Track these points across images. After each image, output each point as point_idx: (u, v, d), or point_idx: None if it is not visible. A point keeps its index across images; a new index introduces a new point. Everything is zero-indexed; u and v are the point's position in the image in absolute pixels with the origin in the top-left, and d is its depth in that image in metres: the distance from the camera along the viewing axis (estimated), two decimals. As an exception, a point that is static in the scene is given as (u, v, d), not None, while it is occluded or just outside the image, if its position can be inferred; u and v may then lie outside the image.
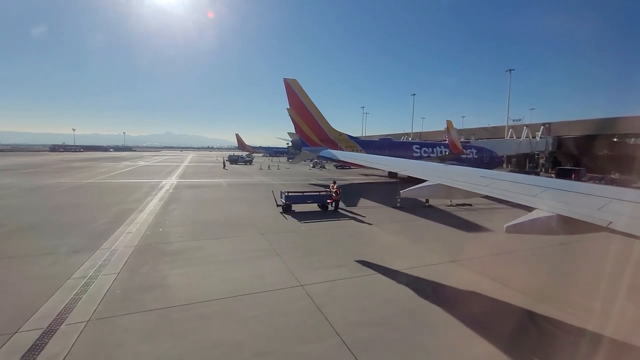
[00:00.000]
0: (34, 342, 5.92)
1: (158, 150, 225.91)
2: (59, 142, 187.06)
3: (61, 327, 6.43)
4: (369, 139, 50.28)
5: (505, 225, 5.39)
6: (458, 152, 33.10)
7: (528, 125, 59.27)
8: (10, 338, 6.05)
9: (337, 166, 56.30)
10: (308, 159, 54.78)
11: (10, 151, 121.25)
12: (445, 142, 48.77)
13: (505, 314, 7.67)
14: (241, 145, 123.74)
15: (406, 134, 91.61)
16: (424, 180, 8.15)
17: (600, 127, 54.62)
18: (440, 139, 69.11)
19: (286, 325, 6.76)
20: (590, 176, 40.66)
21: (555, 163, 57.55)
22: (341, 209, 19.52)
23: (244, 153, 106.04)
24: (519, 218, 5.36)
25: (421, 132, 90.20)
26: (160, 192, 25.46)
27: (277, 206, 18.79)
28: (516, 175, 7.57)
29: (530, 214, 5.33)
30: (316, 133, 37.55)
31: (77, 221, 15.36)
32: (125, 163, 66.25)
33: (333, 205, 20.04)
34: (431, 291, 8.66)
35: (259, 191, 27.06)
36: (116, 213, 17.29)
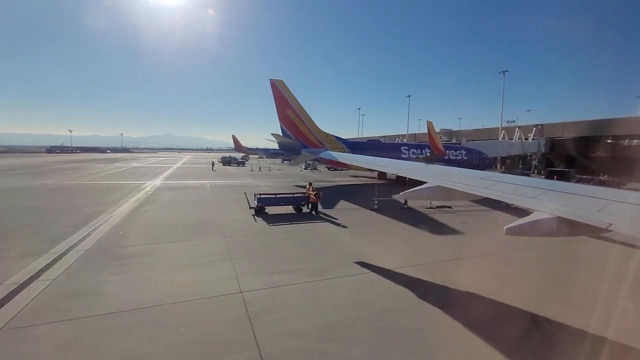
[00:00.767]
0: None
1: (155, 151, 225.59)
2: (59, 144, 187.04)
3: (-33, 338, 6.08)
4: (356, 140, 49.95)
5: (505, 227, 5.35)
6: (439, 154, 32.74)
7: (520, 126, 58.96)
8: None
9: (329, 167, 55.94)
10: (306, 161, 54.41)
11: (6, 152, 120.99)
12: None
13: (447, 323, 7.29)
14: (238, 146, 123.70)
15: (401, 136, 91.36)
16: (422, 182, 8.19)
17: (593, 129, 54.30)
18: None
19: (206, 335, 6.38)
20: (578, 178, 40.30)
21: (548, 165, 57.20)
22: (319, 211, 19.21)
23: (240, 154, 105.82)
24: (519, 220, 5.31)
25: (416, 134, 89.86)
26: (139, 194, 25.10)
27: (250, 208, 18.43)
28: (516, 176, 7.53)
29: (529, 216, 5.27)
30: (303, 133, 37.24)
31: (40, 224, 15.01)
32: (117, 164, 65.98)
33: (311, 207, 19.71)
34: (382, 298, 8.29)
35: (240, 193, 26.59)
36: (85, 215, 16.91)
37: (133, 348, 5.90)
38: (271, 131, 38.25)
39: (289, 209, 19.09)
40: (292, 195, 19.48)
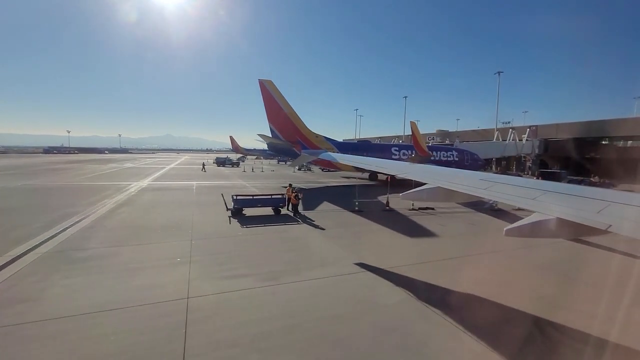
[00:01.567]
0: None
1: (154, 152, 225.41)
2: (58, 144, 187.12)
3: None
4: (347, 142, 49.61)
5: (505, 228, 5.38)
6: (424, 155, 32.40)
7: (515, 127, 58.70)
8: None
9: (323, 169, 55.63)
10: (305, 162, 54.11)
11: (3, 153, 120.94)
12: (427, 145, 48.09)
13: (389, 332, 6.98)
14: (235, 147, 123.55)
15: (397, 137, 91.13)
16: (415, 183, 8.20)
17: (587, 130, 54.04)
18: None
19: (132, 346, 6.07)
20: (569, 179, 39.99)
21: (542, 166, 56.91)
22: (299, 213, 18.94)
23: (238, 155, 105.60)
24: (519, 221, 5.33)
25: (411, 135, 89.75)
26: (120, 195, 24.83)
27: (227, 210, 18.14)
28: (515, 178, 7.53)
29: (529, 217, 5.31)
30: (292, 134, 36.98)
31: (8, 225, 14.72)
32: (111, 165, 65.75)
33: (292, 208, 19.43)
34: (329, 304, 7.99)
35: (225, 195, 26.37)
36: (58, 217, 16.62)
37: None
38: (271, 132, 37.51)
39: (268, 211, 18.80)
40: (270, 196, 19.16)
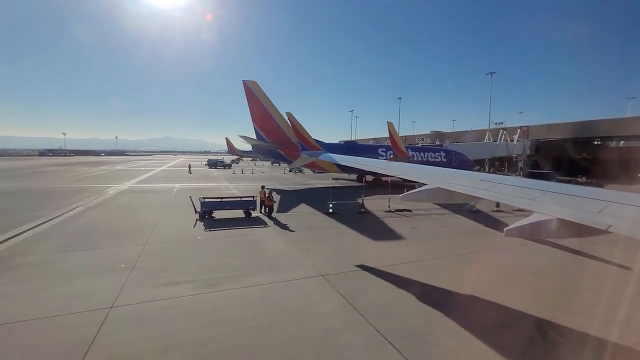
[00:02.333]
0: None
1: (152, 154, 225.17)
2: (57, 147, 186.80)
3: None
4: (334, 143, 49.22)
5: (505, 229, 5.37)
6: (402, 156, 32.07)
7: (506, 128, 58.37)
8: None
9: (314, 170, 55.25)
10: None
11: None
12: (414, 146, 47.82)
13: (322, 343, 6.54)
14: (231, 149, 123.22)
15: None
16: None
17: (578, 130, 53.79)
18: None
19: (23, 362, 5.66)
20: (558, 179, 39.66)
21: (534, 166, 56.62)
22: (271, 216, 18.54)
23: (233, 157, 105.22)
24: (519, 221, 5.36)
25: (406, 136, 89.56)
26: (97, 198, 24.41)
27: (195, 213, 17.70)
28: (515, 178, 7.56)
29: (529, 218, 5.32)
30: (277, 136, 36.60)
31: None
32: (102, 167, 65.36)
33: (267, 211, 19.02)
34: (257, 313, 7.53)
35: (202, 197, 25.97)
36: (20, 220, 16.20)
37: None
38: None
39: (241, 214, 18.34)
40: (240, 199, 18.72)
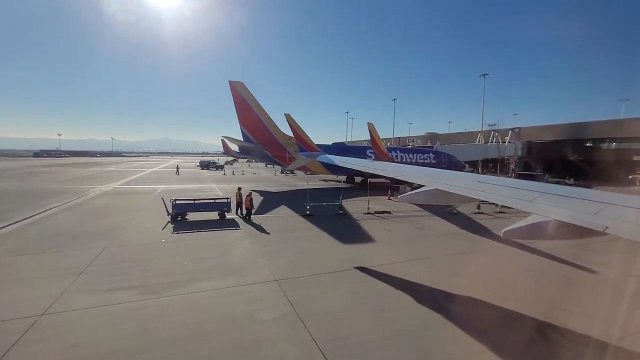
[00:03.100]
0: None
1: (148, 155, 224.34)
2: (54, 147, 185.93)
3: None
4: (322, 144, 48.96)
5: (502, 230, 5.41)
6: (383, 157, 31.79)
7: (498, 130, 58.18)
8: None
9: (306, 172, 55.01)
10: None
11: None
12: (403, 147, 47.65)
13: (252, 355, 6.20)
14: (226, 150, 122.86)
15: (386, 139, 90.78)
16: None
17: (571, 132, 53.74)
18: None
19: None
20: (547, 181, 39.49)
21: (526, 168, 56.50)
22: (247, 218, 18.21)
23: (229, 158, 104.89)
24: (516, 223, 5.41)
25: (400, 138, 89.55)
26: (76, 199, 23.99)
27: (167, 215, 17.32)
28: (513, 180, 7.78)
29: (526, 219, 5.36)
30: (264, 137, 36.28)
31: None
32: (93, 169, 64.78)
33: (246, 213, 18.64)
34: (192, 321, 7.17)
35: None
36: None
37: None
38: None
39: (212, 215, 17.96)
40: (213, 201, 18.35)
